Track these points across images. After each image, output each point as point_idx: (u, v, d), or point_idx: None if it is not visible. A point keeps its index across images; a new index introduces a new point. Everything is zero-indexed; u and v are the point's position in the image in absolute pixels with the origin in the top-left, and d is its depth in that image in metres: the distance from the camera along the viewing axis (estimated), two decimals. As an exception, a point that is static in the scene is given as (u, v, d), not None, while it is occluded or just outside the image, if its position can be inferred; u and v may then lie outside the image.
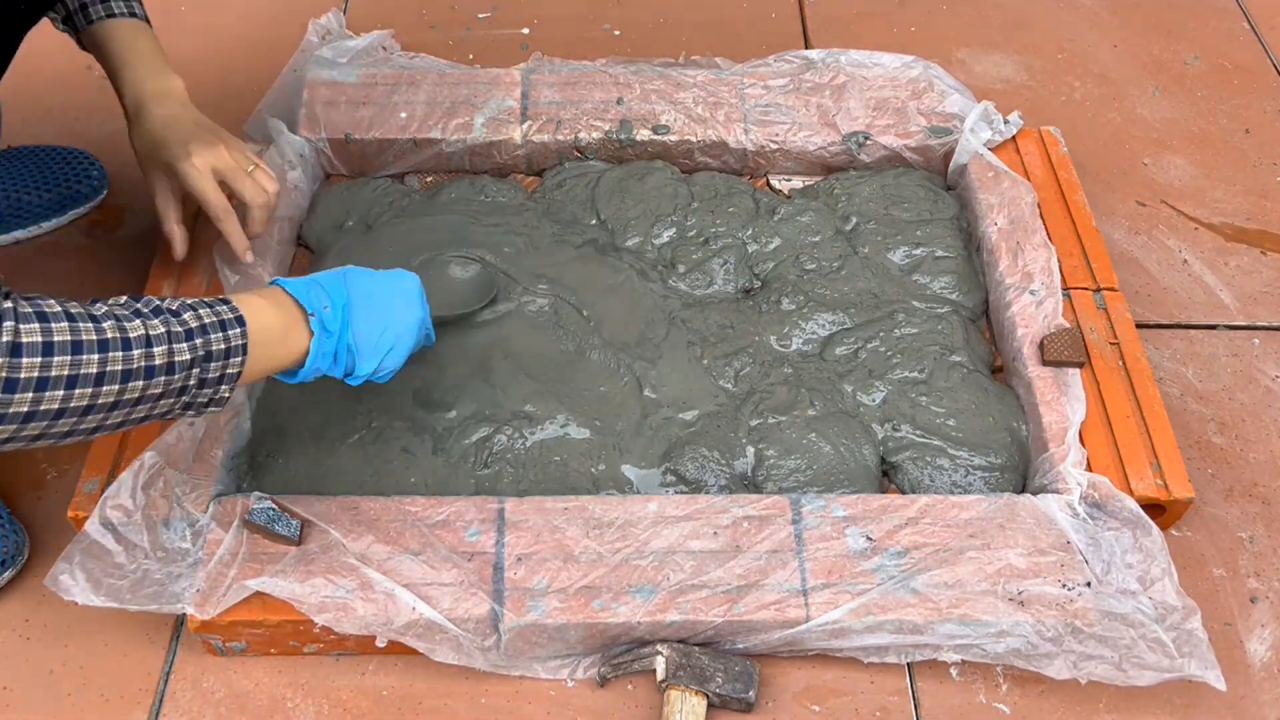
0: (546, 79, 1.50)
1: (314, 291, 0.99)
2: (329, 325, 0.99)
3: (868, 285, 1.34)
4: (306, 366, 0.98)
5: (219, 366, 0.89)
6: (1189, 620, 1.05)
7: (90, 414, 0.83)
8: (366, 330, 1.02)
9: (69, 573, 1.03)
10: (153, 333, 0.84)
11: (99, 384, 0.82)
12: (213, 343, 0.88)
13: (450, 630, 1.02)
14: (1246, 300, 1.44)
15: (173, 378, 0.86)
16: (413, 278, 1.10)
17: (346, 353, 1.01)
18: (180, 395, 0.88)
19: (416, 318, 1.08)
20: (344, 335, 1.00)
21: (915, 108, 1.48)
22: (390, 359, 1.05)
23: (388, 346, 1.04)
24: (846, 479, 1.17)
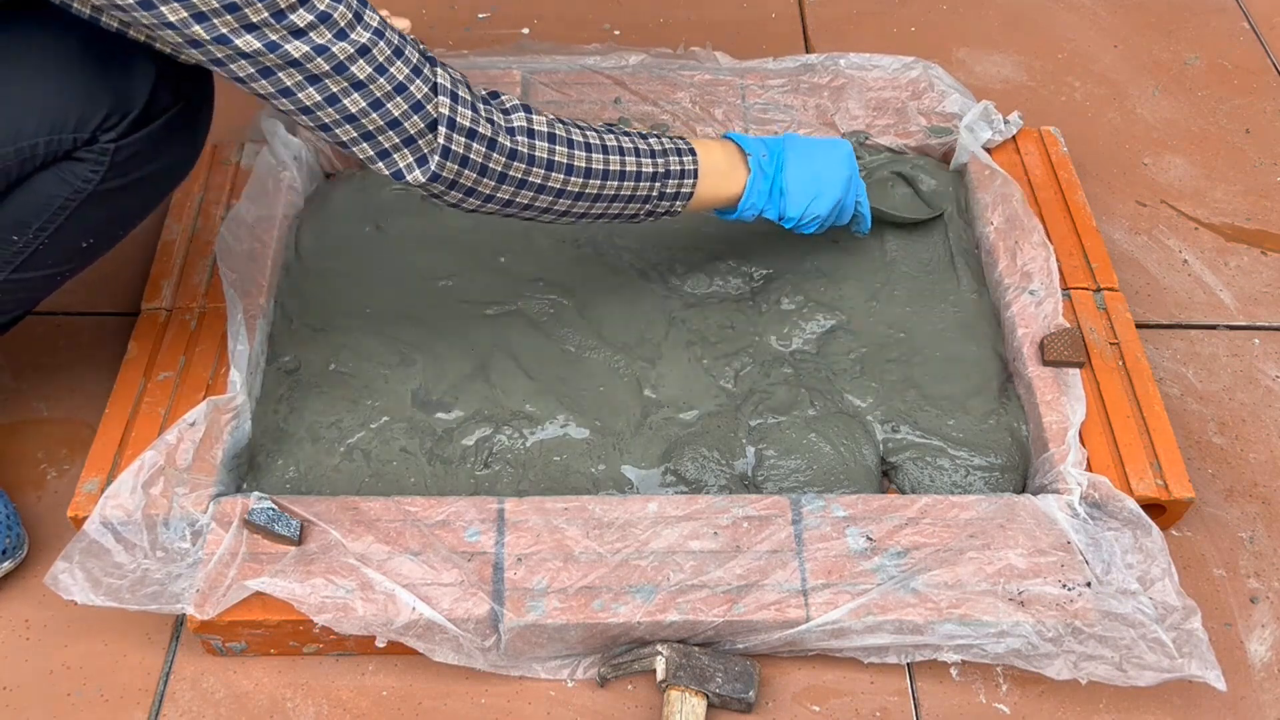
0: (546, 79, 1.50)
1: (756, 143, 1.19)
2: (765, 168, 1.18)
3: (869, 285, 1.34)
4: (744, 200, 1.17)
5: (675, 184, 1.11)
6: (1189, 620, 1.05)
7: (580, 200, 1.06)
8: (796, 176, 1.19)
9: (68, 572, 1.03)
10: (626, 145, 1.08)
11: (586, 176, 1.05)
12: (671, 163, 1.11)
13: (450, 630, 1.02)
14: (1246, 300, 1.44)
15: (639, 184, 1.09)
16: (845, 145, 1.26)
17: (779, 194, 1.19)
18: (645, 202, 1.11)
19: (844, 174, 1.23)
20: (778, 178, 1.18)
21: (915, 108, 1.48)
22: (816, 205, 1.21)
23: (814, 194, 1.20)
24: (846, 479, 1.17)
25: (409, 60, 0.92)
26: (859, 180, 1.28)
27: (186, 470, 1.10)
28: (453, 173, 0.98)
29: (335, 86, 0.89)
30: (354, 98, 0.90)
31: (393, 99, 0.91)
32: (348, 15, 0.88)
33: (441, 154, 0.96)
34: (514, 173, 1.01)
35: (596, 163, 1.05)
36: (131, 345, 1.22)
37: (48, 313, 1.35)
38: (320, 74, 0.88)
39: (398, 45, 0.92)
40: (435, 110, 0.94)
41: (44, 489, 1.21)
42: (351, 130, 0.92)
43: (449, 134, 0.95)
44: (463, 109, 0.96)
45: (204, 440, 1.12)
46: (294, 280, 1.32)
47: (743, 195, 1.17)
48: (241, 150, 1.41)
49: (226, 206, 1.35)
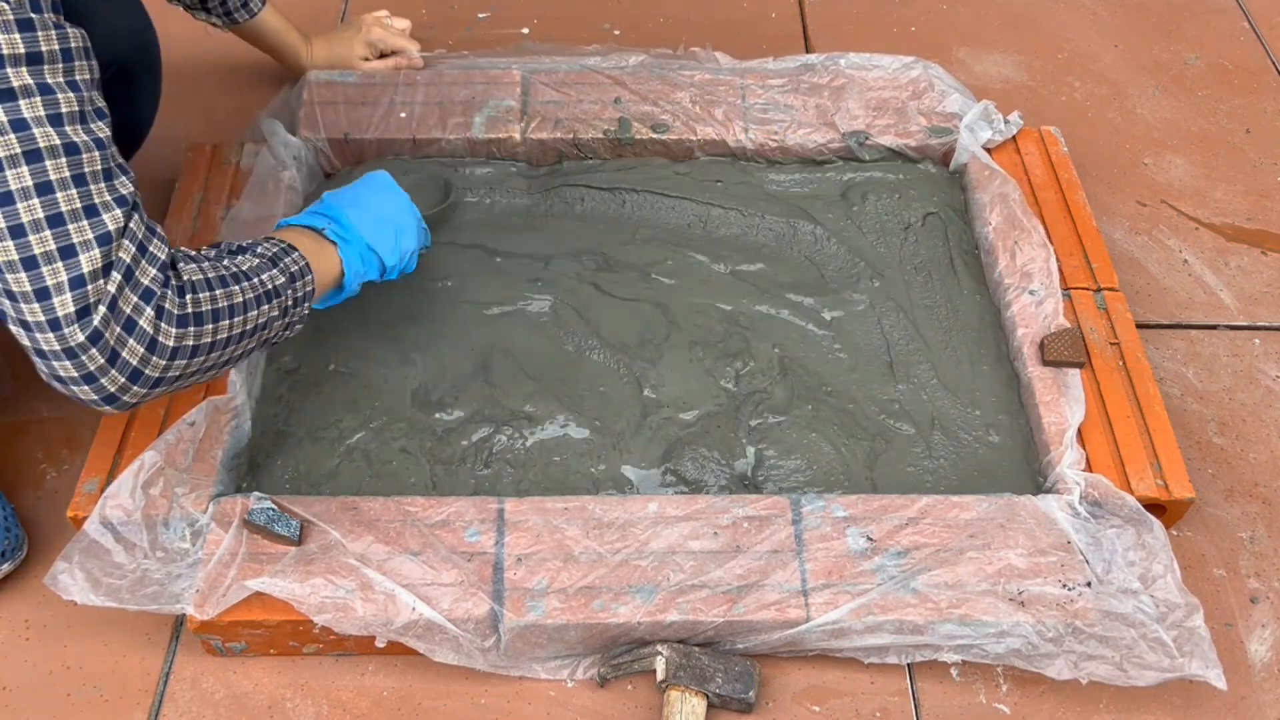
0: (546, 78, 1.50)
1: (311, 218, 1.09)
2: (344, 235, 1.08)
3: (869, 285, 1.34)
4: (349, 276, 1.08)
5: (301, 285, 1.00)
6: (1191, 618, 1.05)
7: (231, 344, 0.92)
8: (370, 227, 1.11)
9: (68, 572, 1.03)
10: (252, 265, 0.96)
11: (245, 311, 0.92)
12: (289, 265, 0.99)
13: (450, 630, 1.02)
14: (1247, 300, 1.44)
15: (280, 299, 0.97)
16: (382, 173, 1.19)
17: (370, 251, 1.10)
18: (285, 315, 0.99)
19: (404, 200, 1.17)
20: (358, 239, 1.09)
21: (915, 108, 1.48)
22: (405, 240, 1.15)
23: (394, 232, 1.13)
24: (846, 479, 1.17)
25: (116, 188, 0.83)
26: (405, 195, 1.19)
27: (186, 470, 1.10)
28: (115, 340, 0.83)
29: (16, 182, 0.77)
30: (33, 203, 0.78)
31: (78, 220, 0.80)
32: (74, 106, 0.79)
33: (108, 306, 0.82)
34: (186, 341, 0.87)
35: (248, 291, 0.93)
36: (131, 345, 1.22)
37: (48, 313, 1.35)
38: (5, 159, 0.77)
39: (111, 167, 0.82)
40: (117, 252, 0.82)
41: (44, 489, 1.21)
42: (13, 249, 0.79)
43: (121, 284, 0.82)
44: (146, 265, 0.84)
45: (204, 440, 1.12)
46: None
47: (343, 270, 1.07)
48: (241, 150, 1.41)
49: (226, 206, 1.35)
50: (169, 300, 0.85)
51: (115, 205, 0.82)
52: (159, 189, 1.47)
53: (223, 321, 0.90)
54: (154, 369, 0.85)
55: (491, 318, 1.30)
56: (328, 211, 1.11)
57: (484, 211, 1.41)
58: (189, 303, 0.87)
